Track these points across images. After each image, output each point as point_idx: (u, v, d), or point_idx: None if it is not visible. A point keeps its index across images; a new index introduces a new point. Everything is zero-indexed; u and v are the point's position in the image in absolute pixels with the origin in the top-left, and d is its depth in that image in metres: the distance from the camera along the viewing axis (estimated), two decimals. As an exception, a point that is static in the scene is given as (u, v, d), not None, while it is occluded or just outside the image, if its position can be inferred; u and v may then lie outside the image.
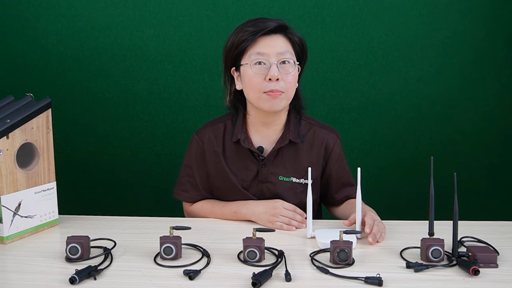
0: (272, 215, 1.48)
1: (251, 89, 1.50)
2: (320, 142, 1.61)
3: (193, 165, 1.63)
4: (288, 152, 1.58)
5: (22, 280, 1.15)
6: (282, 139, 1.57)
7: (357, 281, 1.12)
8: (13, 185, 1.38)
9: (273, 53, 1.46)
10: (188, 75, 2.29)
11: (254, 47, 1.48)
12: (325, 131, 1.63)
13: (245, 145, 1.56)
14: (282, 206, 1.49)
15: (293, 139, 1.56)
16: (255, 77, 1.47)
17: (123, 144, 2.37)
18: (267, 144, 1.59)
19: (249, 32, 1.47)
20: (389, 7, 2.21)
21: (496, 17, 2.20)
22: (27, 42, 2.30)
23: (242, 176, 1.59)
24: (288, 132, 1.57)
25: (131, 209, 1.92)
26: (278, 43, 1.48)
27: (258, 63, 1.47)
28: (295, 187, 1.58)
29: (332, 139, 1.62)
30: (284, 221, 1.47)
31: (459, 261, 1.18)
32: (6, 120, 1.37)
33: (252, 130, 1.60)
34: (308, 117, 1.64)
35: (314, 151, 1.60)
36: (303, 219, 1.48)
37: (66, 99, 2.31)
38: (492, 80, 2.26)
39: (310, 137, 1.60)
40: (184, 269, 1.16)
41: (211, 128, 1.63)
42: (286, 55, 1.48)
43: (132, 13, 2.25)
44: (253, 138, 1.59)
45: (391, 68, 2.26)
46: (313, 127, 1.62)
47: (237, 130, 1.58)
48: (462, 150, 2.30)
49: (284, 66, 1.48)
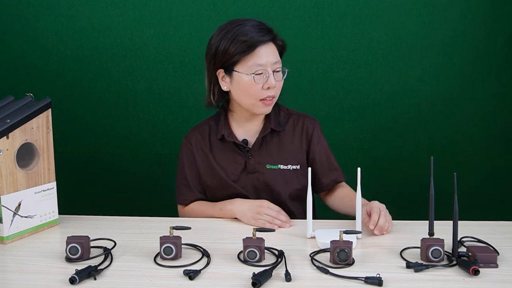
0: (256, 213, 1.51)
1: (248, 96, 1.55)
2: (300, 128, 1.67)
3: (185, 167, 1.69)
4: (271, 140, 1.64)
5: (22, 280, 1.15)
6: (264, 129, 1.64)
7: (357, 281, 1.12)
8: (13, 185, 1.38)
9: (269, 63, 1.52)
10: (188, 75, 2.30)
11: (252, 58, 1.51)
12: (303, 118, 1.69)
13: (230, 139, 1.62)
14: (267, 206, 1.52)
15: (275, 127, 1.63)
16: (254, 86, 1.52)
17: (123, 144, 2.37)
18: (251, 136, 1.65)
19: (245, 44, 1.50)
20: (389, 7, 2.21)
21: (496, 17, 2.20)
22: (27, 42, 2.30)
23: (231, 170, 1.64)
24: (269, 122, 1.64)
25: (131, 209, 1.92)
26: (273, 53, 1.54)
27: (259, 73, 1.51)
28: (284, 174, 1.63)
29: (311, 124, 1.68)
30: (267, 219, 1.49)
31: (459, 261, 1.18)
32: (6, 120, 1.37)
33: (235, 126, 1.66)
34: (285, 108, 1.71)
35: (296, 137, 1.66)
36: (287, 219, 1.51)
37: (66, 99, 2.31)
38: (492, 80, 2.26)
39: (290, 125, 1.67)
40: (184, 269, 1.16)
41: (197, 130, 1.70)
42: (278, 64, 1.55)
43: (132, 13, 2.26)
44: (237, 132, 1.65)
45: (391, 68, 2.26)
46: (292, 116, 1.69)
47: (220, 127, 1.64)
48: (462, 150, 2.30)
49: (277, 74, 1.55)
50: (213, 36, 1.58)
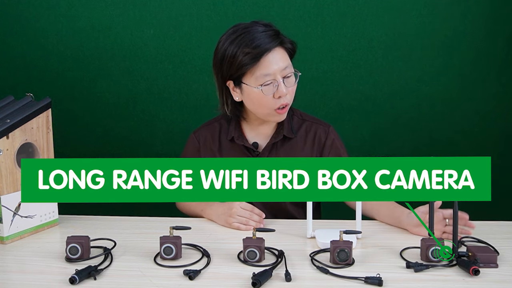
0: (229, 216, 1.48)
1: (261, 108, 1.52)
2: (313, 136, 1.64)
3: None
4: (282, 146, 1.62)
5: (22, 280, 1.15)
6: (276, 135, 1.61)
7: (357, 281, 1.12)
8: (13, 185, 1.38)
9: (278, 71, 1.47)
10: (188, 75, 2.30)
11: (258, 69, 1.46)
12: (317, 124, 1.66)
13: (239, 142, 1.60)
14: (239, 206, 1.49)
15: (287, 134, 1.60)
16: (265, 98, 1.48)
17: (123, 144, 2.36)
18: (262, 140, 1.63)
19: (250, 55, 1.44)
20: (389, 7, 2.21)
21: (496, 17, 2.20)
22: (27, 42, 2.30)
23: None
24: (282, 128, 1.61)
25: (131, 209, 1.92)
26: (280, 59, 1.47)
27: (267, 84, 1.47)
28: None
29: (324, 131, 1.65)
30: (241, 221, 1.47)
31: (459, 261, 1.18)
32: (6, 120, 1.37)
33: (246, 128, 1.64)
34: (300, 113, 1.68)
35: (307, 145, 1.63)
36: (261, 219, 1.49)
37: (66, 99, 2.31)
38: (492, 80, 2.25)
39: (303, 132, 1.64)
40: (184, 269, 1.16)
41: (208, 127, 1.68)
42: (288, 69, 1.49)
43: (132, 13, 2.26)
44: (248, 135, 1.63)
45: (391, 68, 2.26)
46: (305, 122, 1.66)
47: (231, 129, 1.62)
48: (462, 150, 2.30)
49: (288, 80, 1.49)
50: (218, 45, 1.52)
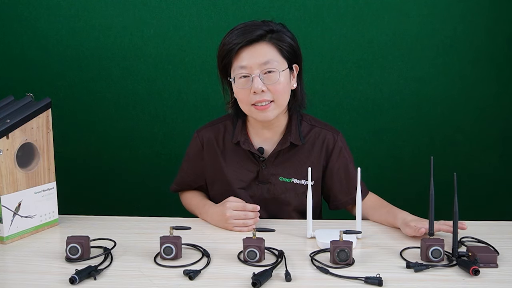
0: (225, 221, 1.46)
1: (241, 103, 1.49)
2: (321, 143, 1.58)
3: (186, 158, 1.70)
4: (289, 153, 1.57)
5: (22, 280, 1.15)
6: (283, 142, 1.55)
7: (357, 281, 1.12)
8: (13, 185, 1.38)
9: (255, 65, 1.42)
10: (188, 75, 2.30)
11: (237, 61, 1.44)
12: (326, 131, 1.60)
13: (245, 147, 1.55)
14: (231, 209, 1.45)
15: (294, 141, 1.54)
16: (241, 91, 1.45)
17: (123, 144, 2.37)
18: (268, 145, 1.58)
19: (233, 44, 1.42)
20: (389, 7, 2.21)
21: (496, 17, 2.20)
22: (27, 42, 2.30)
23: (241, 177, 1.58)
24: (289, 134, 1.55)
25: (131, 209, 1.92)
26: (261, 53, 1.42)
27: (242, 76, 1.44)
28: (296, 188, 1.57)
29: (332, 139, 1.59)
30: (238, 224, 1.45)
31: (459, 261, 1.18)
32: (6, 120, 1.37)
33: (252, 132, 1.59)
34: (309, 118, 1.62)
35: (315, 151, 1.58)
36: (256, 214, 1.46)
37: (66, 99, 2.31)
38: (492, 80, 2.25)
39: (311, 138, 1.58)
40: (184, 269, 1.16)
41: (212, 128, 1.63)
42: (271, 64, 1.42)
43: (132, 13, 2.25)
44: (254, 139, 1.58)
45: (391, 68, 2.26)
46: (314, 128, 1.60)
47: (237, 132, 1.57)
48: (462, 150, 2.30)
49: (269, 76, 1.43)
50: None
